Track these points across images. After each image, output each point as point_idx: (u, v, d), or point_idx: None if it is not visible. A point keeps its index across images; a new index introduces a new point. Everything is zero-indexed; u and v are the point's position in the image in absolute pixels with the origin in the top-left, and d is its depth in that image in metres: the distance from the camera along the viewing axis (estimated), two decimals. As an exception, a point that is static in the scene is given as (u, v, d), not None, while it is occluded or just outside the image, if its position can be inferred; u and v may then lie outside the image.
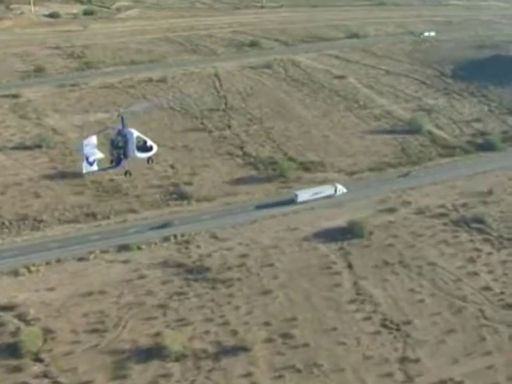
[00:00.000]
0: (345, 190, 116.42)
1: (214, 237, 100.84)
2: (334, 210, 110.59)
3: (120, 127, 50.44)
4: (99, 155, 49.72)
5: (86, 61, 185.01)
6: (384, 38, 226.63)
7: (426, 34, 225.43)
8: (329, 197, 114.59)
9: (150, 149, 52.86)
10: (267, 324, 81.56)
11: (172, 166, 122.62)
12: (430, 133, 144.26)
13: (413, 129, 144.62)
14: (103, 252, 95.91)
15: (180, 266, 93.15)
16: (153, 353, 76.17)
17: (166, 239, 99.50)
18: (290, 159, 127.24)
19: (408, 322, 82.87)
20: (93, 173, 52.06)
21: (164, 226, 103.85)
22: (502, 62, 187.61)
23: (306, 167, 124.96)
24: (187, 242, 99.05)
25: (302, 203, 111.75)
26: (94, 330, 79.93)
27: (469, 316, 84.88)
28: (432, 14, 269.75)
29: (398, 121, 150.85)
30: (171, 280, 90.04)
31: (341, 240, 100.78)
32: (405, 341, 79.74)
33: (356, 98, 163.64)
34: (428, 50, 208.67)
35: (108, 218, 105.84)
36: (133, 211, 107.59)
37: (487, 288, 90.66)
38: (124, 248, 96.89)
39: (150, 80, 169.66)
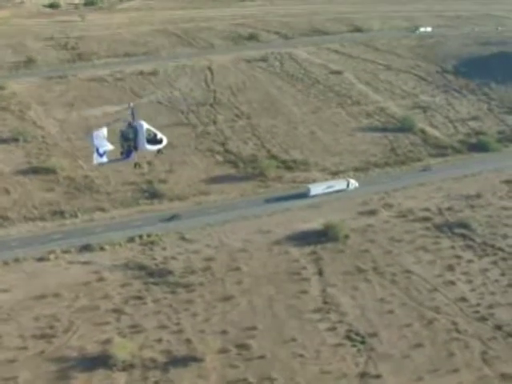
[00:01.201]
0: (357, 185, 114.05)
1: (182, 238, 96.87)
2: (312, 211, 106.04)
3: (130, 119, 49.83)
4: (109, 147, 48.59)
5: (78, 52, 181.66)
6: (388, 32, 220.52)
7: (422, 29, 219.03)
8: (341, 191, 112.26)
9: (160, 141, 51.72)
10: (224, 333, 77.46)
11: (149, 163, 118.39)
12: (422, 131, 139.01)
13: (405, 127, 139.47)
14: (64, 252, 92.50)
15: (142, 268, 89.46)
16: (99, 361, 72.50)
17: (131, 240, 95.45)
18: (273, 157, 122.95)
19: (374, 334, 78.29)
20: (103, 164, 50.18)
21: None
22: (507, 59, 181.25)
23: (287, 166, 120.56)
24: (152, 243, 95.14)
25: (314, 197, 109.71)
26: (43, 336, 76.48)
27: (440, 329, 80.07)
28: (442, 9, 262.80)
29: (391, 118, 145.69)
30: (130, 283, 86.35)
31: (314, 244, 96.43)
32: (368, 355, 75.19)
33: (350, 94, 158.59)
34: (432, 46, 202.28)
35: (75, 216, 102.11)
36: (101, 209, 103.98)
37: (463, 299, 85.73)
38: (86, 248, 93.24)
39: (141, 73, 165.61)
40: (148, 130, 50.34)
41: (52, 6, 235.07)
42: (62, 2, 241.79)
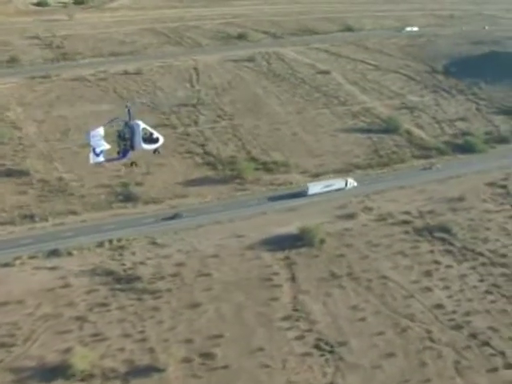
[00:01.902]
0: (355, 184, 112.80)
1: (153, 243, 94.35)
2: (289, 214, 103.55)
3: (127, 119, 51.03)
4: (106, 146, 49.75)
5: (63, 52, 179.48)
6: (380, 31, 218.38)
7: (408, 28, 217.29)
8: (339, 190, 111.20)
9: (157, 140, 53.19)
10: (189, 341, 75.01)
11: (126, 164, 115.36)
12: (408, 132, 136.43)
13: (390, 128, 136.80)
14: (31, 258, 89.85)
15: (109, 274, 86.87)
16: (58, 371, 70.10)
17: (101, 244, 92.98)
18: (252, 159, 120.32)
19: (344, 343, 75.81)
20: (99, 163, 52.02)
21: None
22: (498, 59, 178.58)
23: (267, 168, 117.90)
24: (122, 247, 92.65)
25: (312, 196, 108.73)
26: (2, 344, 74.01)
27: (413, 337, 77.60)
28: (435, 8, 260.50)
29: (377, 119, 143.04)
30: (97, 289, 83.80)
31: (288, 248, 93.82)
32: (336, 365, 72.74)
33: (337, 95, 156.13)
34: (423, 45, 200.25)
35: (46, 220, 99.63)
36: (73, 213, 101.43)
37: (439, 306, 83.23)
38: (54, 253, 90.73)
39: (126, 72, 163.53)
40: (144, 129, 51.37)
41: (40, 4, 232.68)
42: (51, 1, 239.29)
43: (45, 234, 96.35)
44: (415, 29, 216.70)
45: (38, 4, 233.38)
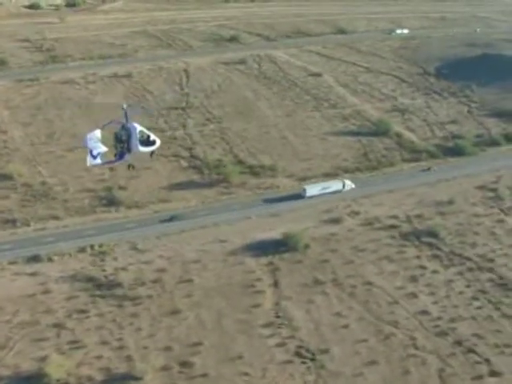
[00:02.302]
0: (353, 186, 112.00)
1: (135, 248, 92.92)
2: (274, 219, 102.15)
3: (124, 121, 50.31)
4: (103, 149, 49.02)
5: (52, 54, 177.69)
6: (373, 33, 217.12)
7: (398, 31, 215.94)
8: (337, 192, 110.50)
9: (153, 143, 52.17)
10: (168, 349, 73.70)
11: (111, 168, 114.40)
12: (398, 135, 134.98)
13: (380, 130, 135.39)
14: (11, 263, 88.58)
15: (90, 280, 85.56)
16: (34, 380, 68.75)
17: (82, 250, 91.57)
18: (239, 162, 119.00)
19: (326, 351, 74.46)
20: (96, 166, 50.83)
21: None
22: (490, 61, 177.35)
23: (254, 171, 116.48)
24: (104, 253, 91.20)
25: (310, 198, 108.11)
26: (-23, 353, 72.51)
27: (397, 344, 76.27)
28: (429, 10, 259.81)
29: (367, 122, 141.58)
30: (76, 296, 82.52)
31: (272, 254, 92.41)
32: (318, 372, 71.40)
33: (327, 97, 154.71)
34: (416, 47, 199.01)
35: (28, 225, 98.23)
36: (55, 218, 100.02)
37: (424, 312, 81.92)
38: (34, 259, 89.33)
39: (115, 75, 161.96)
40: (141, 131, 50.65)
41: (32, 7, 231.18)
42: (44, 3, 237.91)
43: (26, 239, 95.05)
44: (405, 31, 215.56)
45: (30, 7, 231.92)
